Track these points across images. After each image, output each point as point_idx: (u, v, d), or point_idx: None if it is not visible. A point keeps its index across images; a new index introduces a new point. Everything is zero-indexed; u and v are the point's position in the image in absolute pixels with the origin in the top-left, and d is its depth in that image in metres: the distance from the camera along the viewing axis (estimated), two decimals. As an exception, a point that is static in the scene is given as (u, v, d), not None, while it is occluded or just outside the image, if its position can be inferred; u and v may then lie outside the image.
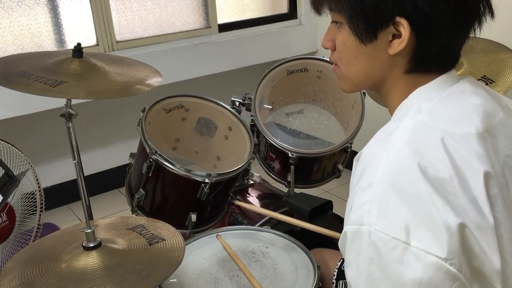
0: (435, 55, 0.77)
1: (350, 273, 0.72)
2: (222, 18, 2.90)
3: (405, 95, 0.81)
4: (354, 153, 0.80)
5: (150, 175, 1.46)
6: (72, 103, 1.33)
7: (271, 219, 1.57)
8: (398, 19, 0.74)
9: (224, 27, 2.90)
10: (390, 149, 0.72)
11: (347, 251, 0.72)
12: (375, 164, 0.71)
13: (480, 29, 0.79)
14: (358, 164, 0.76)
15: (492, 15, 0.78)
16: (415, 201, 0.66)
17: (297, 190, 1.72)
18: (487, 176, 0.70)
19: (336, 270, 1.22)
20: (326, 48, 0.86)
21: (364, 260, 0.68)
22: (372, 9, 0.74)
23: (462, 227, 0.65)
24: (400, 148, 0.71)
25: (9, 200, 1.88)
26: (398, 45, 0.76)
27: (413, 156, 0.69)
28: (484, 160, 0.71)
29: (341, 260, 1.24)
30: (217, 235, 1.34)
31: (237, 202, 1.60)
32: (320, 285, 1.20)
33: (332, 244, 1.38)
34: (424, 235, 0.65)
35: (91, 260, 1.05)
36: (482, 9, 0.77)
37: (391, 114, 0.84)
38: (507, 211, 0.71)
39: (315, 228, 1.36)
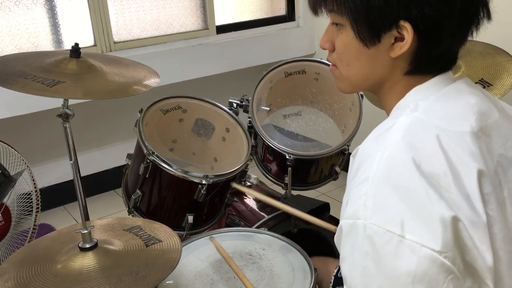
0: (436, 58, 0.78)
1: (345, 267, 0.72)
2: (220, 20, 2.90)
3: (402, 95, 0.81)
4: (352, 155, 0.80)
5: (147, 176, 1.46)
6: (69, 104, 1.33)
7: (268, 220, 1.57)
8: (402, 23, 0.74)
9: (222, 29, 2.90)
10: (386, 144, 0.72)
11: (342, 245, 0.72)
12: (371, 159, 0.72)
13: (477, 32, 0.79)
14: (355, 159, 0.77)
15: (489, 18, 0.78)
16: (409, 194, 0.67)
17: (294, 192, 1.71)
18: (480, 174, 0.70)
19: (333, 277, 1.23)
20: (324, 49, 0.86)
21: (359, 253, 0.69)
22: (377, 12, 0.74)
23: (455, 220, 0.66)
24: (395, 143, 0.72)
25: (5, 200, 1.87)
26: (401, 48, 0.76)
27: (408, 151, 0.70)
28: (477, 158, 0.71)
29: (338, 268, 1.24)
30: (210, 237, 1.33)
31: (234, 185, 1.54)
32: (317, 287, 1.20)
33: (329, 250, 1.38)
34: (419, 228, 0.65)
35: (87, 261, 1.04)
36: (481, 13, 0.77)
37: (388, 114, 0.84)
38: (501, 209, 0.71)
39: (314, 220, 1.35)
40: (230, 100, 1.74)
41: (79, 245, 1.07)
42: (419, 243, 0.65)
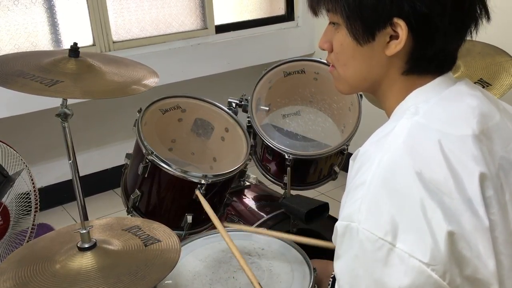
0: (432, 57, 0.77)
1: (337, 266, 0.73)
2: (219, 19, 2.89)
3: (402, 97, 0.81)
4: (351, 155, 0.80)
5: (146, 176, 1.46)
6: (68, 103, 1.33)
7: (267, 220, 1.57)
8: (395, 20, 0.74)
9: (221, 28, 2.90)
10: (386, 149, 0.72)
11: (337, 245, 0.73)
12: (370, 163, 0.71)
13: (476, 32, 0.79)
14: (355, 162, 0.77)
15: (488, 18, 0.78)
16: (405, 203, 0.67)
17: (293, 192, 1.71)
18: (482, 178, 0.70)
19: (331, 279, 1.23)
20: (323, 49, 0.86)
21: (351, 255, 0.69)
22: (370, 9, 0.74)
23: (450, 234, 0.65)
24: (396, 148, 0.71)
25: (3, 200, 1.87)
26: (396, 46, 0.76)
27: (408, 157, 0.69)
28: (479, 162, 0.71)
29: None
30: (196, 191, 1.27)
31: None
32: (316, 287, 1.20)
33: (328, 249, 1.37)
34: (410, 238, 0.65)
35: (85, 261, 1.04)
36: (478, 11, 0.77)
37: (388, 116, 0.84)
38: (502, 212, 0.71)
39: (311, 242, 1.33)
40: (229, 100, 1.74)
41: (78, 245, 1.07)
42: (408, 253, 0.64)
